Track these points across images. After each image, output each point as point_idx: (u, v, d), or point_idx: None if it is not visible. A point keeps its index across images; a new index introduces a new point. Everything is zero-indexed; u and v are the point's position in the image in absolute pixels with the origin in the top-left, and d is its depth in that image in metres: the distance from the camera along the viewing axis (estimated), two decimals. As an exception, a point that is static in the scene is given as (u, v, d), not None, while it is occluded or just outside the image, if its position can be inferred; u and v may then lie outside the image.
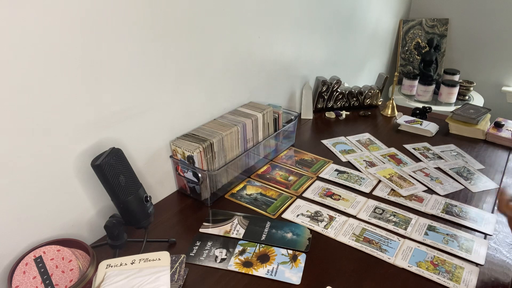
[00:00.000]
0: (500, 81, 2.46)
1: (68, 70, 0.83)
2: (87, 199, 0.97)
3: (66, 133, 0.87)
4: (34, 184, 0.84)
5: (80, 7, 0.81)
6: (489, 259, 0.95)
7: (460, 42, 2.52)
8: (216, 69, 1.22)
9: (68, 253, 0.83)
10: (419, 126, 1.58)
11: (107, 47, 0.88)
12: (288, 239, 1.00)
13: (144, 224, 0.94)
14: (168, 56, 1.04)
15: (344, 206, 1.13)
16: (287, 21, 1.49)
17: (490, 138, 1.51)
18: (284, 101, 1.66)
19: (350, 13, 1.91)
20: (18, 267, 0.80)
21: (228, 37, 1.23)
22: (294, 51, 1.60)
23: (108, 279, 0.76)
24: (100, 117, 0.93)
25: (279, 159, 1.38)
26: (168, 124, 1.12)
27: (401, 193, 1.19)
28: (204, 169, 1.09)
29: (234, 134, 1.18)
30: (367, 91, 1.78)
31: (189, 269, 0.91)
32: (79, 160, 0.92)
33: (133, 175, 0.92)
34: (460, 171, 1.31)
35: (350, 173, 1.29)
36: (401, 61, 2.56)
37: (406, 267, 0.92)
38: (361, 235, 1.02)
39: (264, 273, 0.90)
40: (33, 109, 0.79)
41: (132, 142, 1.03)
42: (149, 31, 0.97)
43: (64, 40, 0.80)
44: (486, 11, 2.37)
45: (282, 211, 1.11)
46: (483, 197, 1.18)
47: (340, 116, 1.73)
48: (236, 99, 1.35)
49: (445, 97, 2.26)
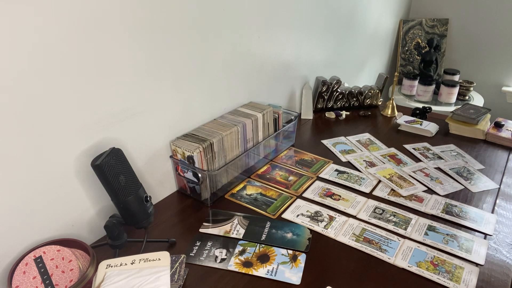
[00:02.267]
0: (500, 81, 2.47)
1: (68, 70, 0.83)
2: (87, 199, 0.97)
3: (66, 133, 0.87)
4: (34, 184, 0.84)
5: (80, 7, 0.81)
6: (489, 259, 0.95)
7: (460, 42, 2.52)
8: (216, 69, 1.23)
9: (68, 253, 0.83)
10: (419, 126, 1.58)
11: (107, 47, 0.89)
12: (288, 239, 1.00)
13: (144, 224, 0.94)
14: (168, 56, 1.04)
15: (344, 206, 1.13)
16: (287, 21, 1.49)
17: (490, 138, 1.51)
18: (284, 101, 1.66)
19: (350, 13, 1.91)
20: (18, 267, 0.80)
21: (228, 37, 1.23)
22: (294, 51, 1.60)
23: (108, 279, 0.76)
24: (100, 117, 0.93)
25: (279, 159, 1.38)
26: (168, 124, 1.12)
27: (401, 193, 1.19)
28: (204, 169, 1.09)
29: (234, 134, 1.18)
30: (367, 91, 1.78)
31: (189, 269, 0.91)
32: (79, 160, 0.92)
33: (133, 175, 0.92)
34: (460, 171, 1.31)
35: (350, 173, 1.29)
36: (401, 61, 2.56)
37: (406, 267, 0.92)
38: (361, 235, 1.02)
39: (264, 273, 0.90)
40: (33, 109, 0.79)
41: (132, 142, 1.03)
42: (148, 31, 0.97)
43: (64, 40, 0.80)
44: (486, 11, 2.37)
45: (282, 211, 1.11)
46: (483, 197, 1.19)
47: (340, 116, 1.73)
48: (236, 99, 1.35)
49: (445, 97, 2.26)
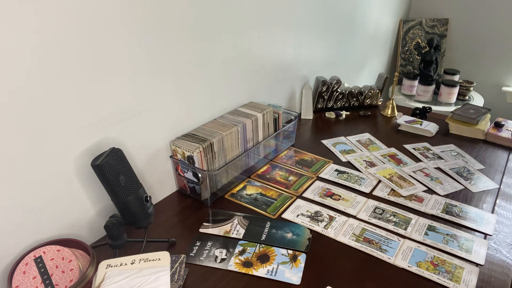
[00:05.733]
0: (500, 81, 2.47)
1: (68, 70, 0.83)
2: (87, 199, 0.97)
3: (66, 133, 0.87)
4: (34, 184, 0.84)
5: (80, 7, 0.81)
6: (489, 259, 0.95)
7: (460, 42, 2.52)
8: (216, 69, 1.22)
9: (68, 253, 0.83)
10: (419, 126, 1.58)
11: (107, 47, 0.89)
12: (288, 239, 1.00)
13: (144, 224, 0.94)
14: (168, 56, 1.04)
15: (344, 206, 1.13)
16: (287, 21, 1.48)
17: (490, 138, 1.51)
18: (284, 101, 1.66)
19: (350, 13, 1.91)
20: (18, 267, 0.80)
21: (228, 37, 1.23)
22: (294, 51, 1.60)
23: (108, 279, 0.76)
24: (100, 117, 0.93)
25: (279, 159, 1.38)
26: (168, 124, 1.12)
27: (401, 193, 1.19)
28: (204, 169, 1.09)
29: (234, 134, 1.18)
30: (367, 91, 1.78)
31: (189, 269, 0.91)
32: (79, 160, 0.92)
33: (133, 175, 0.92)
34: (460, 171, 1.31)
35: (350, 173, 1.29)
36: (401, 61, 2.56)
37: (406, 267, 0.92)
38: (361, 235, 1.02)
39: (264, 273, 0.90)
40: (33, 109, 0.79)
41: (132, 142, 1.03)
42: (148, 31, 0.97)
43: (64, 40, 0.80)
44: (486, 11, 2.37)
45: (282, 211, 1.11)
46: (483, 197, 1.18)
47: (340, 116, 1.73)
48: (236, 99, 1.35)
49: (445, 97, 2.26)
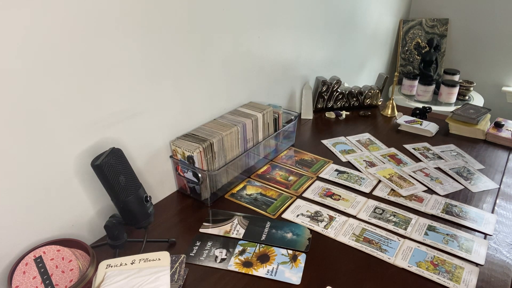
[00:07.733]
0: (500, 81, 2.46)
1: (68, 70, 0.83)
2: (87, 199, 0.97)
3: (66, 133, 0.87)
4: (34, 184, 0.84)
5: (80, 7, 0.81)
6: (489, 259, 0.95)
7: (460, 42, 2.52)
8: (216, 69, 1.22)
9: (68, 253, 0.83)
10: (419, 126, 1.58)
11: (107, 47, 0.89)
12: (288, 239, 1.00)
13: (144, 224, 0.94)
14: (168, 56, 1.04)
15: (344, 206, 1.13)
16: (287, 21, 1.48)
17: (490, 138, 1.51)
18: (284, 101, 1.66)
19: (350, 13, 1.91)
20: (18, 267, 0.80)
21: (228, 37, 1.23)
22: (294, 51, 1.60)
23: (108, 279, 0.76)
24: (100, 117, 0.93)
25: (279, 159, 1.38)
26: (168, 124, 1.12)
27: (401, 193, 1.19)
28: (204, 169, 1.09)
29: (234, 134, 1.18)
30: (367, 91, 1.78)
31: (189, 269, 0.91)
32: (79, 160, 0.92)
33: (133, 175, 0.92)
34: (460, 171, 1.31)
35: (350, 173, 1.29)
36: (401, 61, 2.56)
37: (406, 267, 0.92)
38: (361, 235, 1.02)
39: (264, 273, 0.90)
40: (33, 110, 0.79)
41: (132, 142, 1.03)
42: (148, 31, 0.97)
43: (64, 41, 0.80)
44: (486, 11, 2.37)
45: (282, 211, 1.11)
46: (483, 197, 1.18)
47: (340, 116, 1.73)
48: (236, 99, 1.35)
49: (445, 97, 2.26)
